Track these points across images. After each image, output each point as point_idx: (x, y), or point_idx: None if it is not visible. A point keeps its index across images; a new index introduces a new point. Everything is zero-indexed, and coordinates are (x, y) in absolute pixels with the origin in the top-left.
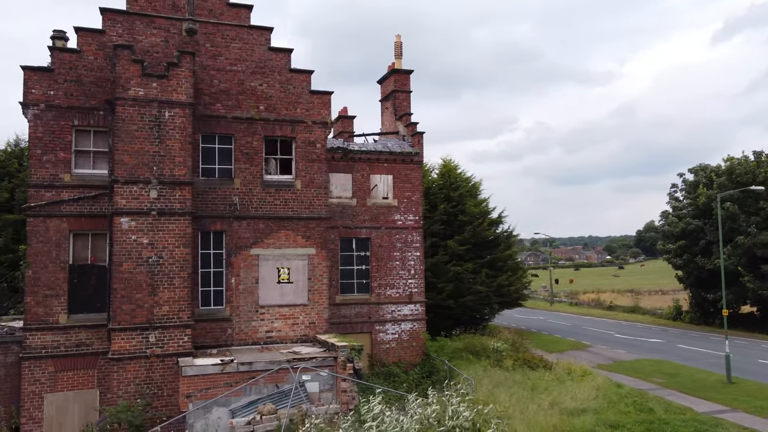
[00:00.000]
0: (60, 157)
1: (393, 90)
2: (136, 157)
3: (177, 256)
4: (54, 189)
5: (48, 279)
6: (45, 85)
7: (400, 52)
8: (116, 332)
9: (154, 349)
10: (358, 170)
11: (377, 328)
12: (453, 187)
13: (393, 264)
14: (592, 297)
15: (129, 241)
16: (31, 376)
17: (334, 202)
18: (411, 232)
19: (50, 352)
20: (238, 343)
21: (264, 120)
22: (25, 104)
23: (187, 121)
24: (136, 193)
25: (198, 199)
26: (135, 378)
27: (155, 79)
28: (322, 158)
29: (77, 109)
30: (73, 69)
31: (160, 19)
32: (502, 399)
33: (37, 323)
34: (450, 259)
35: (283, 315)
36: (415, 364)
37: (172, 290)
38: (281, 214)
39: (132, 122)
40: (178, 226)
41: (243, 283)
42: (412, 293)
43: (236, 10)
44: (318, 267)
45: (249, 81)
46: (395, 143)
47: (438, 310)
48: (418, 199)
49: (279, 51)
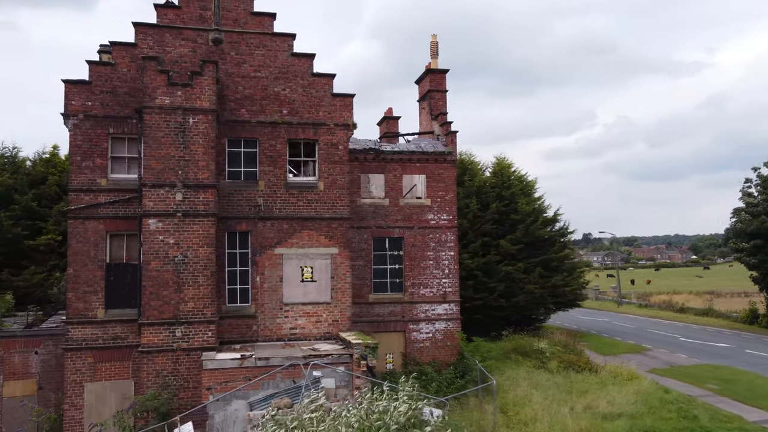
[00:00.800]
0: (97, 163)
1: (429, 90)
2: (162, 161)
3: (201, 255)
4: (92, 193)
5: (87, 276)
6: (83, 96)
7: (436, 52)
8: (145, 327)
9: (180, 343)
10: (390, 170)
11: (411, 327)
12: (505, 185)
13: (426, 263)
14: (663, 299)
15: (156, 241)
16: (73, 366)
17: (367, 202)
18: (445, 232)
19: (89, 344)
20: (264, 340)
21: (287, 123)
22: (66, 115)
23: (210, 127)
24: (163, 195)
25: (224, 201)
26: (162, 370)
27: (180, 88)
28: (345, 160)
29: (112, 118)
30: (109, 81)
31: (188, 30)
32: (534, 401)
33: (77, 317)
34: (502, 259)
35: (307, 313)
36: (450, 364)
37: (196, 288)
38: (304, 215)
39: (158, 129)
40: (201, 227)
41: (268, 281)
42: (446, 293)
43: (260, 18)
44: (341, 266)
45: (272, 86)
46: (428, 143)
47: (488, 310)
48: (452, 198)
49: (301, 56)
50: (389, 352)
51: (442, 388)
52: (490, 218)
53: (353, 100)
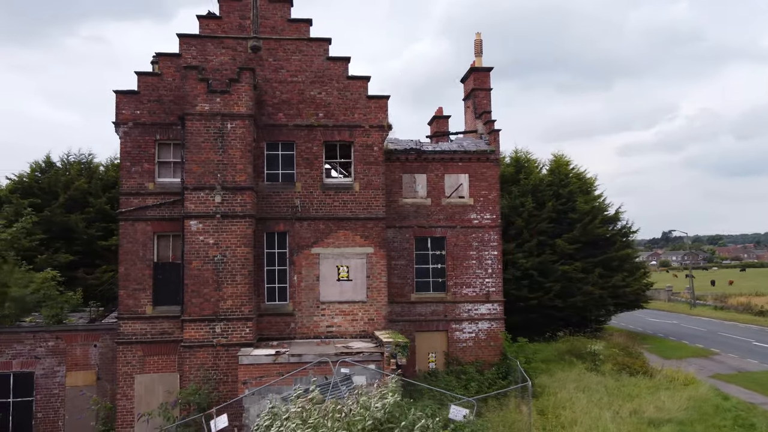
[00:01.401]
0: (145, 168)
1: (473, 88)
2: (202, 165)
3: (239, 254)
4: (140, 196)
5: (136, 275)
6: (132, 105)
7: (480, 50)
8: (187, 323)
9: (219, 339)
10: (432, 170)
11: (453, 326)
12: (563, 183)
13: (469, 263)
14: (741, 301)
15: (197, 241)
16: (124, 359)
17: (408, 202)
18: (488, 231)
19: (139, 339)
20: (301, 337)
21: (323, 126)
22: (117, 123)
23: (246, 131)
24: (203, 198)
25: (263, 202)
26: (203, 364)
27: (219, 95)
28: (380, 160)
29: (159, 126)
30: (155, 90)
31: (228, 39)
32: (577, 404)
33: (128, 313)
34: (558, 258)
35: (343, 311)
36: (493, 364)
37: (234, 286)
38: (340, 215)
39: (199, 134)
40: (239, 228)
41: (305, 280)
42: (489, 292)
43: (296, 25)
44: (376, 265)
45: (309, 90)
46: (471, 142)
47: (544, 310)
48: (495, 197)
49: (337, 60)
50: (432, 351)
51: (483, 389)
52: (546, 217)
53: (388, 102)
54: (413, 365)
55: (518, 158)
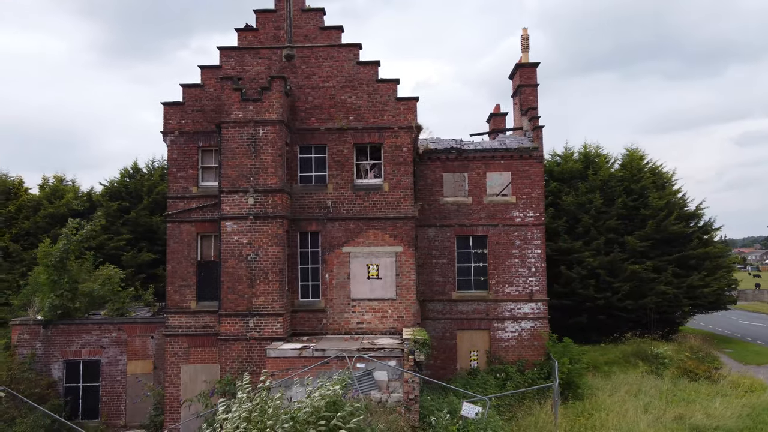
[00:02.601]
0: (189, 173)
1: (519, 85)
2: (236, 170)
3: (270, 253)
4: (185, 199)
5: (182, 272)
6: (178, 115)
7: (527, 45)
8: (223, 317)
9: (252, 333)
10: (473, 169)
11: (495, 325)
12: (635, 178)
13: (511, 261)
14: None
15: (232, 241)
16: (172, 350)
17: (449, 201)
18: (531, 230)
19: (184, 331)
20: (333, 333)
21: (353, 129)
22: (164, 132)
23: (277, 136)
24: (237, 200)
25: (296, 203)
26: (238, 356)
27: (251, 103)
28: (409, 161)
29: (201, 133)
30: (198, 100)
31: (264, 49)
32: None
33: (175, 308)
34: (628, 257)
35: (373, 308)
36: (536, 364)
37: (266, 283)
38: (370, 215)
39: (233, 141)
40: (271, 228)
41: (336, 278)
42: (532, 291)
43: (328, 32)
44: (405, 264)
45: (339, 95)
46: (514, 139)
47: (612, 310)
48: (538, 195)
49: (366, 64)
50: (474, 349)
51: (521, 388)
52: (615, 213)
53: (416, 104)
54: (454, 363)
55: (587, 153)
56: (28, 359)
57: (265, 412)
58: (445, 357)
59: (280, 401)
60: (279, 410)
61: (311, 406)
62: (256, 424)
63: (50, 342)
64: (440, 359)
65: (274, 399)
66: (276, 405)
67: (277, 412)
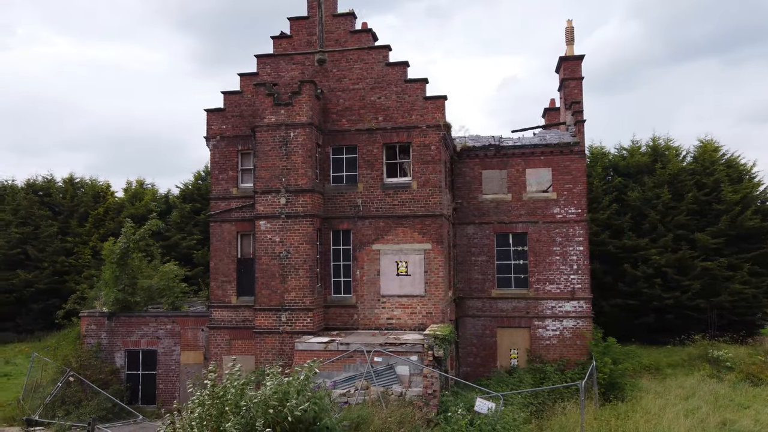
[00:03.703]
0: (230, 175)
1: (563, 78)
2: (269, 171)
3: (301, 251)
4: (226, 200)
5: (224, 269)
6: (219, 121)
7: (572, 38)
8: (258, 311)
9: (285, 327)
10: (512, 165)
11: (536, 323)
12: (707, 171)
13: (552, 259)
14: None
15: (266, 239)
16: (215, 342)
17: (488, 198)
18: (572, 226)
19: (226, 325)
20: (363, 328)
21: (382, 129)
22: (207, 137)
23: (307, 138)
24: (270, 200)
25: (328, 203)
26: (272, 348)
27: (283, 107)
28: (437, 159)
29: (240, 138)
30: (237, 106)
31: (298, 55)
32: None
33: (218, 302)
34: (699, 254)
35: (402, 305)
36: (578, 364)
37: (297, 279)
38: (399, 213)
39: (266, 143)
40: (301, 227)
41: (366, 275)
42: (574, 289)
43: (358, 35)
44: (434, 261)
45: (369, 96)
46: (554, 134)
47: (681, 310)
48: (580, 191)
49: (395, 65)
50: (514, 347)
51: (558, 388)
52: (684, 209)
53: (444, 102)
54: (494, 361)
55: (656, 146)
56: (95, 348)
57: (226, 396)
58: (485, 354)
59: (244, 390)
60: (241, 397)
61: (262, 396)
62: (215, 404)
63: (113, 332)
64: (480, 356)
65: (239, 387)
66: (238, 393)
67: (235, 399)
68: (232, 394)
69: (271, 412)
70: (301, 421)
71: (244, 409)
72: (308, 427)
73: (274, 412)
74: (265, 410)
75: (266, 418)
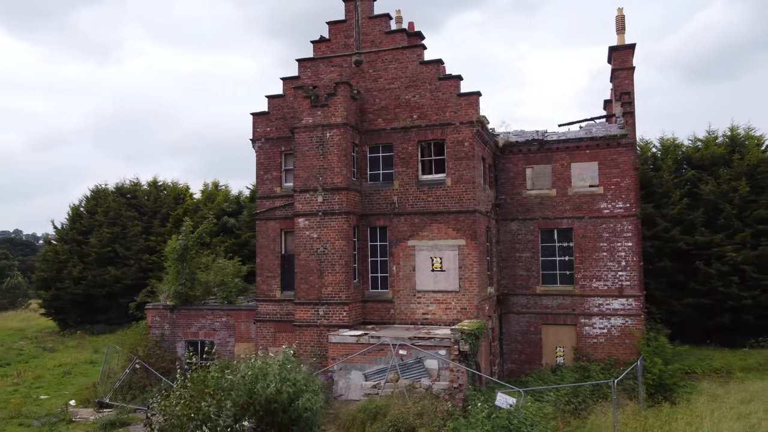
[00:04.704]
0: (274, 175)
1: (614, 69)
2: (307, 171)
3: (337, 247)
4: (270, 199)
5: (269, 265)
6: (264, 124)
7: (622, 27)
8: (297, 305)
9: (322, 320)
10: (556, 160)
11: (582, 321)
12: None
13: (599, 255)
14: None
15: (304, 236)
16: (261, 334)
17: (532, 194)
18: (620, 221)
19: (271, 318)
20: (400, 322)
21: (417, 127)
22: (253, 140)
23: (342, 138)
24: (308, 198)
25: (365, 200)
26: (311, 341)
27: (319, 108)
28: (471, 155)
29: (283, 139)
30: (280, 109)
31: (336, 58)
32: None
33: (263, 297)
34: None
35: (437, 300)
36: (627, 363)
37: (333, 275)
38: (433, 209)
39: (304, 144)
40: (337, 223)
41: (402, 270)
42: (622, 286)
43: (392, 35)
44: (468, 257)
45: (404, 95)
46: (601, 127)
47: (762, 310)
48: (629, 184)
49: (429, 63)
50: (560, 345)
51: (601, 387)
52: (765, 202)
53: (478, 98)
54: (539, 358)
55: (734, 136)
56: (159, 338)
57: (206, 380)
58: (530, 352)
59: (223, 374)
60: (219, 381)
61: (235, 379)
62: (196, 388)
63: (175, 324)
64: (525, 354)
65: (217, 371)
66: (215, 377)
67: (213, 382)
68: (211, 378)
69: (241, 393)
70: (275, 402)
71: (220, 392)
72: (285, 408)
73: (245, 394)
74: (237, 392)
75: (236, 399)
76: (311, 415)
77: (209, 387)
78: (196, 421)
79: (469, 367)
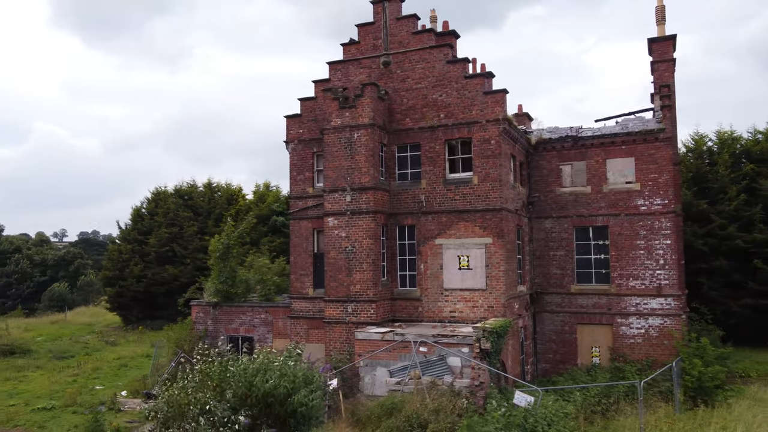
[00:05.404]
0: (306, 176)
1: (653, 61)
2: (336, 171)
3: (364, 245)
4: (303, 199)
5: (301, 263)
6: (296, 126)
7: (662, 17)
8: (327, 303)
9: (350, 317)
10: (591, 156)
11: (618, 320)
12: None
13: (636, 253)
14: None
15: (333, 235)
16: (295, 330)
17: (566, 191)
18: (658, 218)
19: (304, 315)
20: (427, 320)
21: (443, 126)
22: (287, 141)
23: (369, 138)
24: (337, 198)
25: (394, 199)
26: (340, 337)
27: (347, 110)
28: (497, 153)
29: (315, 140)
30: (312, 111)
31: (365, 59)
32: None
33: (297, 294)
34: None
35: (464, 298)
36: (665, 365)
37: (361, 273)
38: (460, 208)
39: (333, 145)
40: (365, 222)
41: (430, 268)
42: (660, 285)
43: (419, 36)
44: (495, 255)
45: (431, 94)
46: (637, 122)
47: None
48: (667, 180)
49: (455, 62)
50: (595, 345)
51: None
52: None
53: (505, 96)
54: (575, 358)
55: None
56: (202, 333)
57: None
58: (565, 351)
59: (227, 366)
60: (223, 373)
61: (235, 371)
62: (203, 378)
63: (217, 320)
64: (560, 353)
65: (223, 364)
66: (220, 369)
67: (217, 374)
68: (215, 369)
69: (240, 385)
70: (272, 396)
71: (224, 383)
72: (281, 402)
73: (244, 386)
74: (237, 383)
75: (236, 390)
76: (307, 410)
77: (213, 379)
78: (195, 410)
79: (491, 366)
